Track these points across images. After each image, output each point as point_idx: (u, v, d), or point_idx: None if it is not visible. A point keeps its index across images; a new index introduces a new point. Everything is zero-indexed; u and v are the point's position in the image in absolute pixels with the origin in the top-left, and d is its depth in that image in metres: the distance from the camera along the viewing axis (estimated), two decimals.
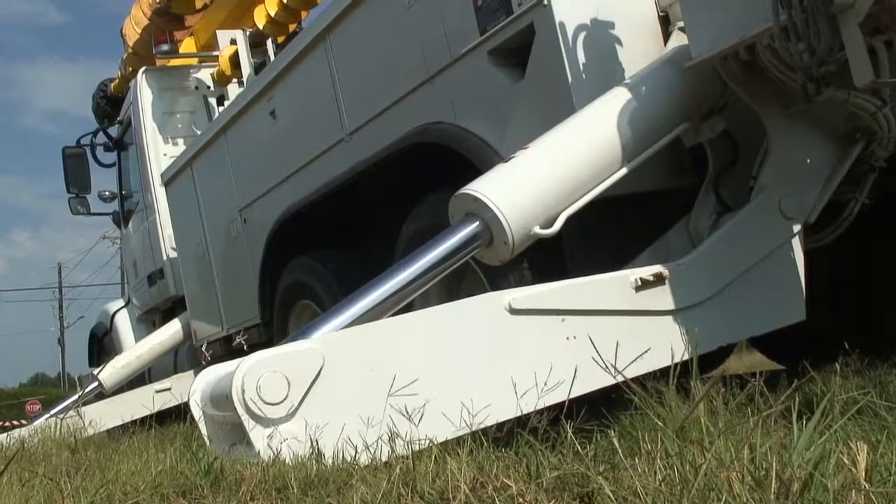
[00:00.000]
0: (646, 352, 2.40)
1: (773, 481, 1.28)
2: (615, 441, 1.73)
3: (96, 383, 6.48)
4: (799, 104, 2.72)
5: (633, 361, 2.25)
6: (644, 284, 2.60)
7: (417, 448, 2.03)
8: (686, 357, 2.47)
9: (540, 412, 2.10)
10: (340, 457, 2.11)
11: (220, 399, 2.32)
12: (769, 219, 2.79)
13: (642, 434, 1.74)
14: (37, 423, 5.54)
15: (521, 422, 2.12)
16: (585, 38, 2.97)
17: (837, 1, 2.31)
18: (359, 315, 2.53)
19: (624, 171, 2.72)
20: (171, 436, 3.90)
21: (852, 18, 2.32)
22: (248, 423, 2.19)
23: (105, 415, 6.05)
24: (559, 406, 2.27)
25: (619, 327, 2.54)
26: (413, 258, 2.63)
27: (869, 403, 1.96)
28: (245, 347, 5.41)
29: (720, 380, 1.94)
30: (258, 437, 2.19)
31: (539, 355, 2.46)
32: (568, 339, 2.49)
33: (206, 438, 2.45)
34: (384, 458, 2.09)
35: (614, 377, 2.14)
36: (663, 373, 2.05)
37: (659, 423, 1.72)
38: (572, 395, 2.36)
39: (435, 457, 1.91)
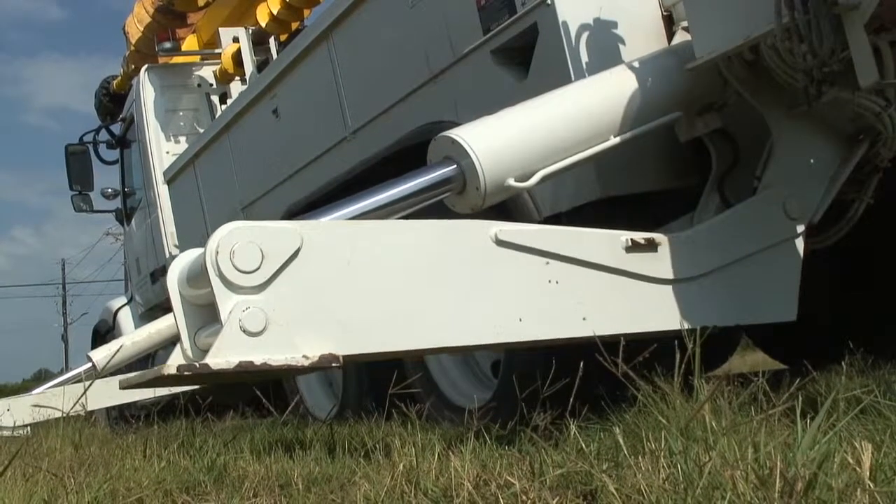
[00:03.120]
0: (624, 314, 2.40)
1: (777, 480, 1.28)
2: (619, 439, 1.74)
3: (89, 364, 6.48)
4: (803, 104, 2.71)
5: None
6: (635, 246, 2.56)
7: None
8: (667, 328, 2.47)
9: (543, 410, 2.10)
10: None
11: (196, 274, 2.28)
12: (772, 214, 2.78)
13: (646, 432, 1.75)
14: (39, 389, 5.57)
15: (524, 419, 2.12)
16: (589, 38, 2.96)
17: (842, 1, 2.31)
18: None
19: (608, 143, 2.68)
20: (174, 432, 3.91)
21: (857, 19, 2.31)
22: (217, 286, 2.14)
23: (102, 394, 6.04)
24: (562, 404, 2.27)
25: (603, 284, 2.51)
26: (380, 189, 2.56)
27: (873, 403, 1.96)
28: None
29: (724, 379, 1.94)
30: (225, 303, 2.14)
31: (517, 292, 2.43)
32: (550, 282, 2.45)
33: (183, 331, 2.40)
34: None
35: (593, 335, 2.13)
36: (667, 370, 2.05)
37: (663, 421, 1.72)
38: (543, 338, 2.36)
39: (438, 454, 1.92)
